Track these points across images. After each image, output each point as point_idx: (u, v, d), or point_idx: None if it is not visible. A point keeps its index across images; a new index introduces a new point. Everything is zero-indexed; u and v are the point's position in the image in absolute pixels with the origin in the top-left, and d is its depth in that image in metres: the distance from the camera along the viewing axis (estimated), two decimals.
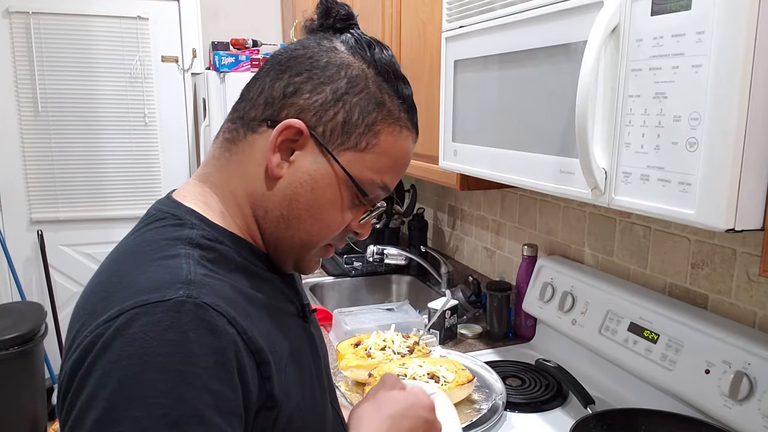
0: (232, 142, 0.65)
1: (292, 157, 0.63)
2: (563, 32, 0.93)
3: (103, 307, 0.52)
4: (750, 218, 0.72)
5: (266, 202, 0.64)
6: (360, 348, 1.37)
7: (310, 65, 0.63)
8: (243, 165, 0.64)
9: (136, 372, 0.48)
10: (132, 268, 0.56)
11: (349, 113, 0.63)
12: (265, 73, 0.65)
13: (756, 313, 1.08)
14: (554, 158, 0.97)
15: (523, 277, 1.61)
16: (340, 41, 0.65)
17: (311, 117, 0.62)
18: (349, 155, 0.64)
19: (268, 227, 0.65)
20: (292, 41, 0.67)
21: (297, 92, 0.62)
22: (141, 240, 0.60)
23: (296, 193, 0.63)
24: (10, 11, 2.93)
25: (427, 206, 2.40)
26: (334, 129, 0.63)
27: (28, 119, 3.05)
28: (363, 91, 0.63)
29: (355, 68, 0.64)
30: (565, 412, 1.23)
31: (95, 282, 0.58)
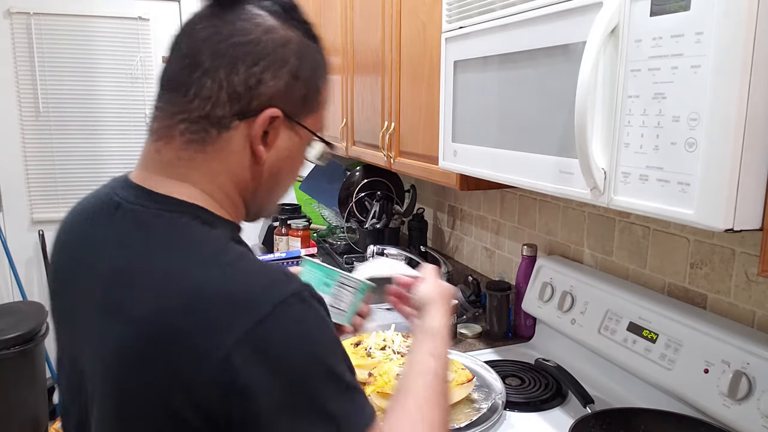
0: (204, 143, 0.65)
1: (270, 139, 0.67)
2: (563, 33, 0.93)
3: (231, 312, 0.54)
4: (749, 218, 0.72)
5: (255, 184, 0.69)
6: (360, 348, 1.37)
7: (260, 52, 0.64)
8: (224, 161, 0.66)
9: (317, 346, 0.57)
10: (220, 275, 0.57)
11: (306, 85, 0.68)
12: (209, 66, 0.63)
13: (755, 312, 1.09)
14: (554, 158, 0.98)
15: (523, 277, 1.62)
16: (268, 14, 0.66)
17: (280, 101, 0.66)
18: (310, 119, 0.71)
19: (256, 201, 0.71)
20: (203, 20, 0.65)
21: (260, 82, 0.64)
22: (207, 247, 0.61)
23: (280, 168, 0.70)
24: (11, 12, 2.93)
25: (426, 206, 2.40)
26: (298, 103, 0.68)
27: (29, 119, 3.06)
28: (308, 61, 0.68)
29: (295, 41, 0.67)
30: (564, 412, 1.23)
31: (156, 308, 0.56)
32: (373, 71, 2.00)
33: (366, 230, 2.29)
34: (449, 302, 0.88)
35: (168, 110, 0.65)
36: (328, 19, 2.52)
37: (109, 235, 0.64)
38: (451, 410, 1.18)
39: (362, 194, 2.35)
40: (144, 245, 0.61)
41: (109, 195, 0.68)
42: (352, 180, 2.37)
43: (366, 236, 2.28)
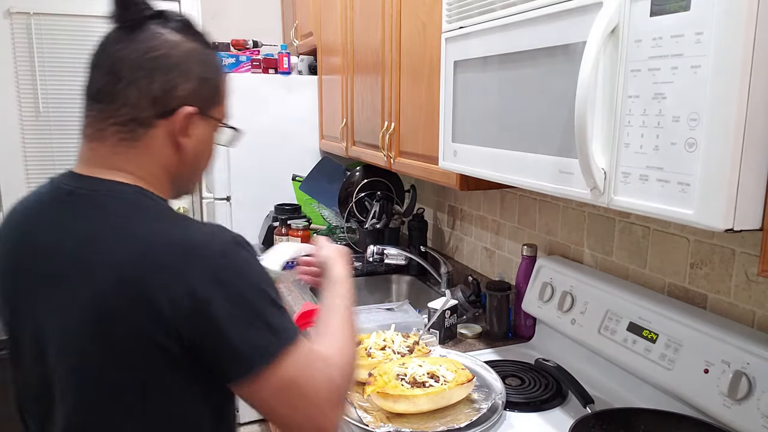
0: (134, 141, 0.79)
1: (188, 132, 0.81)
2: (563, 33, 0.93)
3: (188, 259, 0.70)
4: (749, 218, 0.72)
5: (180, 168, 0.83)
6: (360, 348, 1.37)
7: (171, 63, 0.78)
8: (152, 153, 0.80)
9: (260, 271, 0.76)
10: (173, 231, 0.74)
11: (210, 84, 0.83)
12: (131, 79, 0.77)
13: (755, 312, 1.09)
14: (554, 159, 0.98)
15: (523, 277, 1.62)
16: (170, 30, 0.80)
17: (193, 100, 0.80)
18: (217, 110, 0.86)
19: (181, 182, 0.86)
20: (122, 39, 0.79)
21: (175, 87, 0.79)
22: (145, 215, 0.76)
23: (200, 153, 0.85)
24: (11, 12, 2.93)
25: (427, 206, 2.40)
26: (208, 100, 0.83)
27: (29, 120, 3.06)
28: (209, 65, 0.83)
29: (197, 51, 0.82)
30: (564, 412, 1.23)
31: (130, 259, 0.70)
32: (373, 71, 2.00)
33: (366, 230, 2.29)
34: (346, 258, 1.05)
35: (99, 117, 0.79)
36: (328, 19, 2.53)
37: (69, 215, 0.77)
38: (451, 410, 1.19)
39: (362, 194, 2.35)
40: (105, 217, 0.75)
41: (56, 187, 0.81)
42: (352, 180, 2.37)
43: (366, 236, 2.28)
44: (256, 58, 2.79)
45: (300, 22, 3.00)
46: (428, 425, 1.13)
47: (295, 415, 0.74)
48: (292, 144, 2.81)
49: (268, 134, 2.76)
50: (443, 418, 1.16)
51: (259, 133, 2.73)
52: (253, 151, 2.74)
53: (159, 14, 0.80)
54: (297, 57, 2.99)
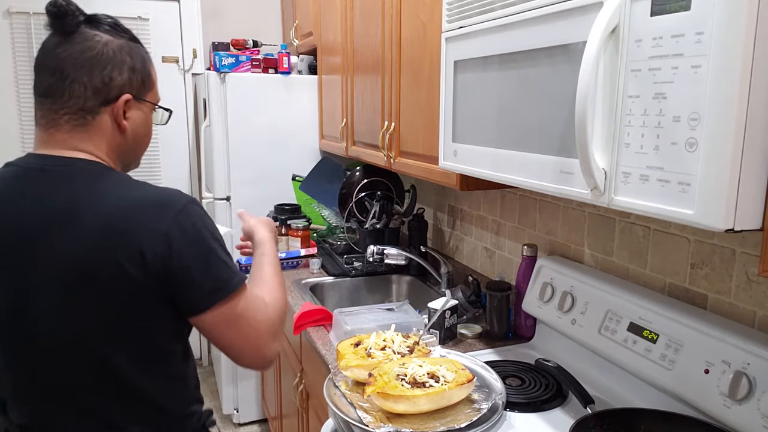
0: (85, 125, 0.94)
1: (127, 115, 0.98)
2: (563, 33, 0.93)
3: (157, 213, 0.88)
4: (749, 218, 0.72)
5: (125, 146, 1.00)
6: (360, 348, 1.37)
7: (106, 59, 0.93)
8: (100, 135, 0.96)
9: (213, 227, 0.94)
10: (141, 192, 0.91)
11: (142, 74, 0.99)
12: (75, 76, 0.92)
13: (755, 312, 1.09)
14: (554, 158, 0.98)
15: (523, 277, 1.62)
16: (101, 32, 0.94)
17: (128, 88, 0.96)
18: (149, 94, 1.02)
19: (127, 157, 1.02)
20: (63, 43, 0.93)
21: (112, 79, 0.94)
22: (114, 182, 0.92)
23: (138, 132, 1.01)
24: (10, 12, 2.93)
25: (427, 206, 2.40)
26: (140, 86, 0.99)
27: (29, 119, 3.05)
28: (137, 57, 0.98)
29: (126, 46, 0.97)
30: (564, 412, 1.23)
31: (109, 216, 0.87)
32: (373, 71, 2.00)
33: (366, 230, 2.29)
34: (266, 224, 1.25)
35: (52, 108, 0.93)
36: (328, 19, 2.52)
37: (47, 187, 0.90)
38: (451, 411, 1.18)
39: (362, 194, 2.35)
40: (81, 185, 0.90)
41: (25, 167, 0.94)
42: (352, 180, 2.37)
43: (366, 236, 2.28)
44: (255, 57, 2.79)
45: (300, 21, 2.99)
46: (428, 425, 1.13)
47: (244, 344, 0.95)
48: (292, 144, 2.81)
49: (268, 134, 2.76)
50: (443, 418, 1.15)
51: (259, 133, 2.73)
52: (253, 151, 2.74)
53: (89, 19, 0.95)
54: (297, 57, 2.99)
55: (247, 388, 2.89)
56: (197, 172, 3.43)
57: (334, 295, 2.21)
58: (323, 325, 1.75)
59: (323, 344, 1.63)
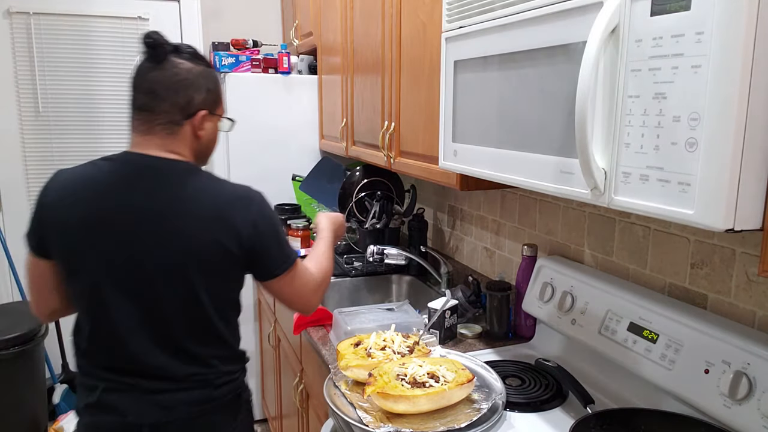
0: (173, 134, 1.20)
1: (203, 126, 1.23)
2: (563, 33, 0.93)
3: (245, 205, 1.19)
4: (749, 218, 0.72)
5: (200, 150, 1.26)
6: (360, 348, 1.37)
7: (188, 83, 1.19)
8: (184, 140, 1.22)
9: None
10: (230, 189, 1.21)
11: (214, 94, 1.25)
12: (165, 96, 1.18)
13: (755, 312, 1.09)
14: (554, 158, 0.98)
15: (523, 277, 1.62)
16: (184, 60, 1.20)
17: (204, 105, 1.22)
18: (219, 108, 1.29)
19: (201, 158, 1.28)
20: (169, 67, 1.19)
21: (193, 99, 1.20)
22: (208, 180, 1.21)
23: (210, 139, 1.28)
24: (10, 12, 2.93)
25: (427, 206, 2.40)
26: (213, 103, 1.25)
27: (29, 119, 3.06)
28: (212, 80, 1.25)
29: (203, 72, 1.23)
30: (564, 412, 1.23)
31: (211, 205, 1.17)
32: (373, 71, 2.00)
33: (366, 230, 2.29)
34: (328, 216, 1.59)
35: (148, 119, 1.19)
36: (328, 19, 2.52)
37: (154, 180, 1.17)
38: (451, 410, 1.18)
39: (362, 194, 2.35)
40: (185, 180, 1.18)
41: (132, 162, 1.19)
42: (352, 180, 2.37)
43: (366, 236, 2.28)
44: (255, 57, 2.79)
45: (300, 21, 2.99)
46: (428, 425, 1.13)
47: (295, 298, 1.31)
48: (292, 144, 2.81)
49: (268, 134, 2.76)
50: (443, 418, 1.15)
51: (259, 133, 2.73)
52: (253, 151, 2.74)
53: (175, 49, 1.20)
54: (297, 57, 2.99)
55: None
56: None
57: (334, 295, 2.21)
58: (323, 325, 1.75)
59: (323, 344, 1.63)
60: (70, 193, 1.16)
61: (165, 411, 1.18)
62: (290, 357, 2.17)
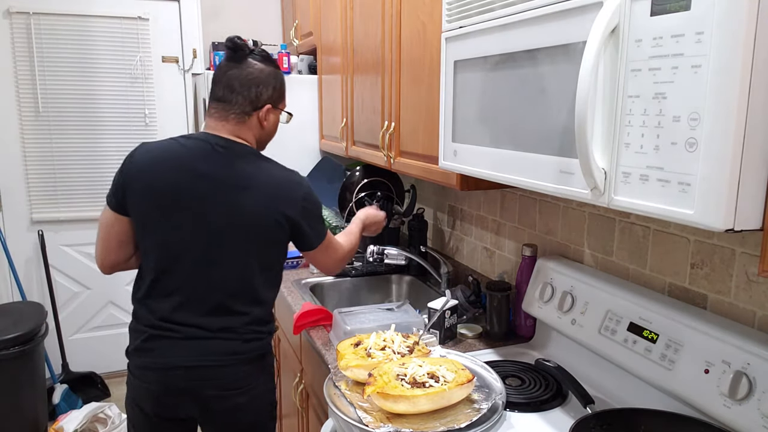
0: (243, 122, 1.44)
1: (267, 117, 1.47)
2: (563, 33, 0.93)
3: (295, 188, 1.43)
4: (749, 218, 0.72)
5: (262, 137, 1.51)
6: (360, 348, 1.37)
7: (259, 80, 1.44)
8: (251, 129, 1.46)
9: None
10: (284, 174, 1.44)
11: (279, 91, 1.50)
12: (240, 90, 1.42)
13: (755, 312, 1.09)
14: (554, 158, 0.98)
15: (523, 277, 1.62)
16: (257, 61, 1.44)
17: (270, 100, 1.47)
18: (282, 104, 1.53)
19: (262, 144, 1.52)
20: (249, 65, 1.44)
21: (261, 94, 1.45)
22: (267, 163, 1.44)
23: (271, 129, 1.52)
24: (10, 12, 2.93)
25: (427, 206, 2.40)
26: (277, 99, 1.49)
27: (29, 119, 3.06)
28: (278, 79, 1.49)
29: (272, 72, 1.47)
30: (564, 412, 1.23)
31: (268, 185, 1.40)
32: (373, 71, 2.00)
33: None
34: (366, 211, 1.85)
35: (224, 109, 1.44)
36: (328, 19, 2.52)
37: (226, 159, 1.39)
38: (451, 411, 1.18)
39: (362, 194, 2.35)
40: (252, 160, 1.42)
41: (208, 141, 1.41)
42: (352, 180, 2.37)
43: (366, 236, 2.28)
44: None
45: (300, 21, 2.99)
46: (428, 425, 1.13)
47: (326, 263, 1.57)
48: (292, 144, 2.81)
49: None
50: (443, 418, 1.15)
51: None
52: None
53: (251, 51, 1.44)
54: (297, 57, 2.99)
55: None
56: None
57: (334, 295, 2.21)
58: (323, 325, 1.75)
59: (323, 344, 1.63)
60: (157, 161, 1.37)
61: (197, 356, 1.37)
62: (290, 357, 2.17)
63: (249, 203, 1.35)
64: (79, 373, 3.16)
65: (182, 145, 1.39)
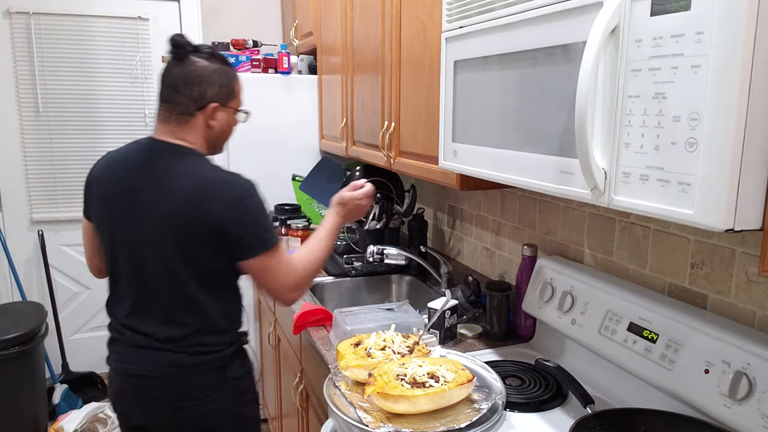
0: (186, 123, 1.37)
1: (215, 116, 1.39)
2: (563, 33, 0.93)
3: (226, 188, 1.30)
4: (749, 218, 0.72)
5: (212, 138, 1.42)
6: (360, 348, 1.37)
7: (202, 79, 1.35)
8: (196, 130, 1.38)
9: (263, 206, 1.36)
10: (215, 174, 1.32)
11: (227, 89, 1.39)
12: (182, 90, 1.34)
13: (755, 312, 1.09)
14: (554, 158, 0.98)
15: (523, 277, 1.62)
16: (203, 58, 1.36)
17: (216, 98, 1.37)
18: (234, 102, 1.43)
19: (214, 145, 1.44)
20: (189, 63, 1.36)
21: (205, 92, 1.36)
22: (200, 164, 1.34)
23: (223, 129, 1.43)
24: (10, 12, 2.94)
25: (427, 206, 2.40)
26: (225, 97, 1.39)
27: (29, 119, 3.06)
28: (225, 76, 1.39)
29: (217, 69, 1.37)
30: (564, 412, 1.23)
31: (193, 185, 1.29)
32: (373, 71, 2.00)
33: (366, 230, 2.29)
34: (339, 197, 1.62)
35: (168, 110, 1.37)
36: (328, 19, 2.52)
37: (159, 160, 1.34)
38: (451, 411, 1.18)
39: None
40: (182, 163, 1.33)
41: (145, 146, 1.37)
42: (352, 180, 2.37)
43: (366, 236, 2.28)
44: (255, 57, 2.79)
45: (300, 21, 2.99)
46: (428, 425, 1.13)
47: (270, 287, 1.37)
48: (292, 144, 2.81)
49: (268, 134, 2.76)
50: (443, 418, 1.15)
51: (259, 133, 2.73)
52: (253, 151, 2.74)
53: (195, 49, 1.36)
54: (297, 57, 2.99)
55: None
56: None
57: (334, 295, 2.21)
58: (323, 325, 1.75)
59: (323, 344, 1.63)
60: (107, 169, 1.40)
61: (146, 366, 1.34)
62: (290, 357, 2.17)
63: (173, 206, 1.29)
64: (79, 373, 3.17)
65: (128, 150, 1.40)
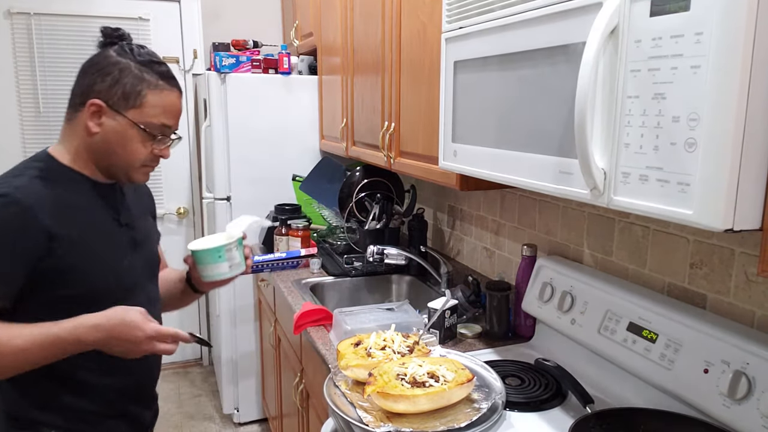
0: (69, 121, 1.12)
1: (100, 120, 1.09)
2: (562, 33, 0.94)
3: None
4: (748, 218, 0.72)
5: (95, 149, 1.11)
6: (360, 347, 1.37)
7: (97, 68, 1.09)
8: (76, 132, 1.11)
9: None
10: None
11: (126, 89, 1.08)
12: (78, 81, 1.10)
13: (754, 312, 1.09)
14: (553, 159, 0.98)
15: (523, 277, 1.62)
16: (113, 51, 1.10)
17: (104, 95, 1.08)
18: (133, 112, 1.09)
19: (100, 163, 1.13)
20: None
21: (94, 84, 1.08)
22: (17, 167, 1.10)
23: (110, 141, 1.10)
24: (11, 12, 2.94)
25: (426, 206, 2.40)
26: (119, 99, 1.08)
27: (30, 120, 3.06)
28: (129, 74, 1.08)
29: (122, 63, 1.09)
30: (564, 412, 1.24)
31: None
32: (373, 71, 2.00)
33: (366, 230, 2.29)
34: (110, 323, 1.07)
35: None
36: (328, 19, 2.53)
37: None
38: (451, 410, 1.19)
39: (362, 194, 2.35)
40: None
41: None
42: (352, 180, 2.37)
43: (366, 236, 2.28)
44: (256, 58, 2.79)
45: (300, 22, 3.00)
46: (428, 425, 1.13)
47: None
48: (292, 144, 2.81)
49: (268, 134, 2.76)
50: (443, 418, 1.16)
51: (259, 133, 2.74)
52: (254, 151, 2.74)
53: (120, 39, 1.14)
54: (297, 57, 2.99)
55: (248, 388, 2.89)
56: (198, 172, 3.43)
57: (334, 295, 2.21)
58: (323, 325, 1.76)
59: (323, 344, 1.63)
60: None
61: None
62: (290, 357, 2.18)
63: None
64: None
65: None
